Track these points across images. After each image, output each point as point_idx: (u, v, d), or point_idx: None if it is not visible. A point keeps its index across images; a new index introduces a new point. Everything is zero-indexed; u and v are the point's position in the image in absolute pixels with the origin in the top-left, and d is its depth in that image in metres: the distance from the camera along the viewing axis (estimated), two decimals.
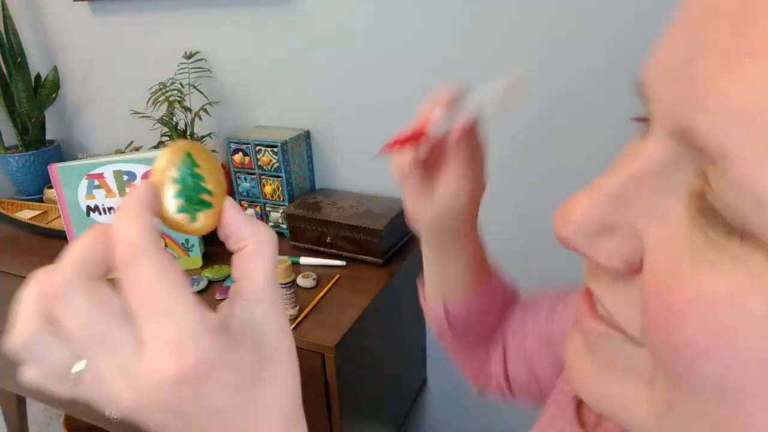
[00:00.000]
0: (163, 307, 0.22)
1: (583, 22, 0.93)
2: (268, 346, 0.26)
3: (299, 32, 1.18)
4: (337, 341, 0.85)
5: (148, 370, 0.22)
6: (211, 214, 0.26)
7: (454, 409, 1.42)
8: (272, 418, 0.27)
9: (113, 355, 0.23)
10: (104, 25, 1.42)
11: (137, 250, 0.23)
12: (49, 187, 1.41)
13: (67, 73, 1.53)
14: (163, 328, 0.22)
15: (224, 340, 0.24)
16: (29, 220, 1.28)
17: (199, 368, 0.22)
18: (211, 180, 0.26)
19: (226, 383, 0.24)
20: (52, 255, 1.18)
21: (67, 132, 1.64)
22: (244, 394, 0.25)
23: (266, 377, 0.26)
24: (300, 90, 1.23)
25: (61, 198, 1.00)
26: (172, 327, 0.22)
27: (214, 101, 1.30)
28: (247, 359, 0.25)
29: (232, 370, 0.24)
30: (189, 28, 1.30)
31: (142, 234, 0.23)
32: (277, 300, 0.27)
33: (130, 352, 0.23)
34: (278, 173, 1.18)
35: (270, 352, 0.26)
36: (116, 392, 0.23)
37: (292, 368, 0.28)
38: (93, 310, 0.23)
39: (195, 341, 0.22)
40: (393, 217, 1.07)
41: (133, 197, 0.24)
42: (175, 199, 0.25)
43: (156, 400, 0.23)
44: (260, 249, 0.27)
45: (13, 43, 1.40)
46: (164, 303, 0.22)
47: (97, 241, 0.24)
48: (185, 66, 1.26)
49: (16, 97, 1.42)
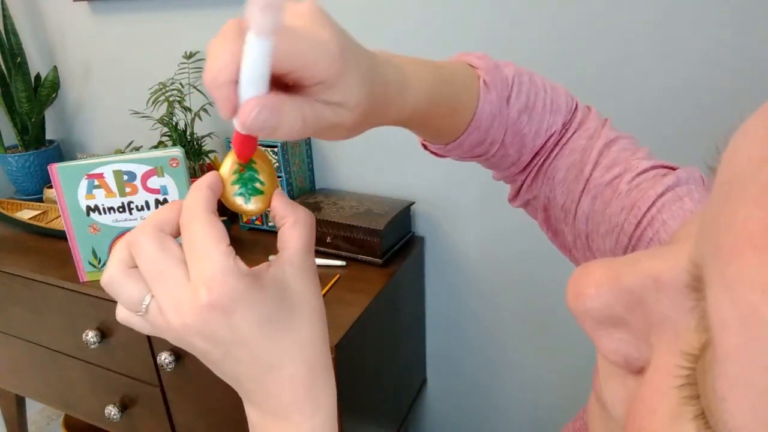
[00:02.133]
0: (204, 253, 0.29)
1: (586, 20, 0.93)
2: (295, 301, 0.32)
3: None
4: (337, 341, 0.85)
5: (188, 299, 0.29)
6: (261, 199, 0.33)
7: (454, 409, 1.42)
8: (297, 363, 0.31)
9: (168, 288, 0.29)
10: (104, 24, 1.42)
11: (192, 214, 0.30)
12: (48, 187, 1.41)
13: (66, 73, 1.53)
14: (201, 268, 0.29)
15: (250, 282, 0.29)
16: (29, 220, 1.28)
17: (224, 298, 0.28)
18: (263, 174, 0.33)
19: (252, 316, 0.29)
20: (52, 255, 1.18)
21: (66, 132, 1.64)
22: (269, 332, 0.30)
23: (292, 326, 0.31)
24: None
25: (61, 198, 1.00)
26: (208, 267, 0.28)
27: None
28: (270, 304, 0.30)
29: (256, 306, 0.29)
30: (189, 28, 1.30)
31: (200, 203, 0.30)
32: (308, 266, 0.33)
33: (179, 285, 0.29)
34: (278, 173, 1.18)
35: (296, 306, 0.32)
36: (169, 318, 0.29)
37: (319, 325, 0.33)
38: (156, 254, 0.30)
39: (223, 278, 0.28)
40: (393, 217, 1.07)
41: (201, 180, 0.31)
42: (234, 185, 0.33)
43: (197, 325, 0.29)
44: (296, 224, 0.32)
45: (12, 43, 1.40)
46: (205, 250, 0.29)
47: (170, 207, 0.31)
48: (185, 66, 1.26)
49: (15, 97, 1.41)
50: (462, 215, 1.18)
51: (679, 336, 0.16)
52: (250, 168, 0.33)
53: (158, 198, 1.02)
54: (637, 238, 0.39)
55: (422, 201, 1.19)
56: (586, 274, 0.19)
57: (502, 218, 1.13)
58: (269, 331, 0.30)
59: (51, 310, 1.14)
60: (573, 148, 0.45)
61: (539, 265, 1.14)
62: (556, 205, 0.46)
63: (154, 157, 1.00)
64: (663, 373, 0.16)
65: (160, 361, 1.03)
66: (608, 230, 0.41)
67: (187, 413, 1.11)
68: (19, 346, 1.26)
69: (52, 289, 1.09)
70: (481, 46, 1.02)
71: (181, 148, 1.05)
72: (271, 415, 0.32)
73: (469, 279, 1.22)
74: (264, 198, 0.33)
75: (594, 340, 0.19)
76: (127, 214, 1.02)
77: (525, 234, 1.11)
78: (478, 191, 1.14)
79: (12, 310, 1.22)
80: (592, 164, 0.43)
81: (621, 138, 0.44)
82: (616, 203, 0.40)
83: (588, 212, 0.43)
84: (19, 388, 1.40)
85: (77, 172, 0.99)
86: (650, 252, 0.18)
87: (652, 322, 0.17)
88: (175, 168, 1.00)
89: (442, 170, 1.15)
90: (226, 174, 0.33)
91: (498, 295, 1.22)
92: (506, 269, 1.18)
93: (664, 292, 0.17)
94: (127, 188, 1.01)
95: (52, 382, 1.28)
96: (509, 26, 0.99)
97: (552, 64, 0.97)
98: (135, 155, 1.01)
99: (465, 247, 1.20)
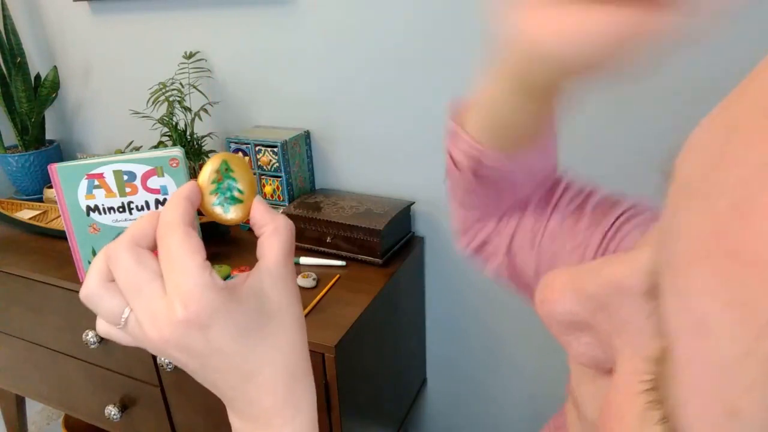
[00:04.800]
0: (179, 266, 0.29)
1: None
2: (272, 310, 0.32)
3: (299, 32, 1.18)
4: (337, 341, 0.85)
5: (164, 313, 0.29)
6: (241, 208, 0.33)
7: (454, 409, 1.42)
8: (276, 367, 0.32)
9: (144, 302, 0.29)
10: (104, 24, 1.42)
11: (168, 227, 0.30)
12: (48, 186, 1.41)
13: (66, 73, 1.53)
14: (177, 281, 0.29)
15: (226, 296, 0.29)
16: (29, 220, 1.28)
17: (200, 314, 0.28)
18: (242, 182, 0.33)
19: (228, 329, 0.29)
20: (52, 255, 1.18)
21: (66, 132, 1.64)
22: (246, 341, 0.30)
23: (269, 335, 0.31)
24: (300, 90, 1.23)
25: (61, 198, 1.00)
26: (184, 281, 0.28)
27: (214, 101, 1.30)
28: (247, 314, 0.30)
29: (233, 319, 0.29)
30: (189, 28, 1.30)
31: (176, 216, 0.30)
32: (286, 275, 0.32)
33: (156, 299, 0.29)
34: (278, 173, 1.18)
35: (274, 315, 0.32)
36: (147, 332, 0.29)
37: (297, 332, 0.33)
38: (133, 267, 0.30)
39: (200, 292, 0.28)
40: (393, 217, 1.07)
41: (179, 191, 0.31)
42: (212, 195, 0.33)
43: (173, 339, 0.29)
44: (275, 232, 0.32)
45: (13, 43, 1.40)
46: (180, 263, 0.29)
47: (148, 220, 0.31)
48: (185, 66, 1.26)
49: (15, 97, 1.41)
50: None
51: (641, 341, 0.16)
52: (229, 176, 0.33)
53: (158, 198, 1.02)
54: (602, 252, 0.42)
55: (422, 201, 1.19)
56: (551, 282, 0.20)
57: None
58: (246, 341, 0.30)
59: (51, 310, 1.14)
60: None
61: None
62: (525, 229, 0.48)
63: (154, 157, 1.00)
64: (628, 377, 0.17)
65: (160, 361, 1.03)
66: (575, 246, 0.44)
67: (187, 413, 1.11)
68: (19, 346, 1.26)
69: (52, 289, 1.09)
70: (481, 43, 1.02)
71: (181, 148, 1.05)
72: (252, 422, 0.33)
73: (469, 279, 1.22)
74: (243, 207, 0.33)
75: (563, 345, 0.20)
76: (127, 214, 1.02)
77: None
78: None
79: (12, 310, 1.22)
80: (563, 188, 0.47)
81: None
82: (583, 221, 0.44)
83: (556, 231, 0.46)
84: (19, 388, 1.40)
85: (77, 172, 0.99)
86: (613, 258, 0.18)
87: (616, 327, 0.18)
88: (175, 168, 1.00)
89: (442, 170, 1.14)
90: (205, 183, 0.33)
91: (498, 295, 1.21)
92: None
93: (626, 298, 0.17)
94: (127, 188, 1.01)
95: (52, 382, 1.28)
96: None
97: None
98: (135, 155, 1.01)
99: None
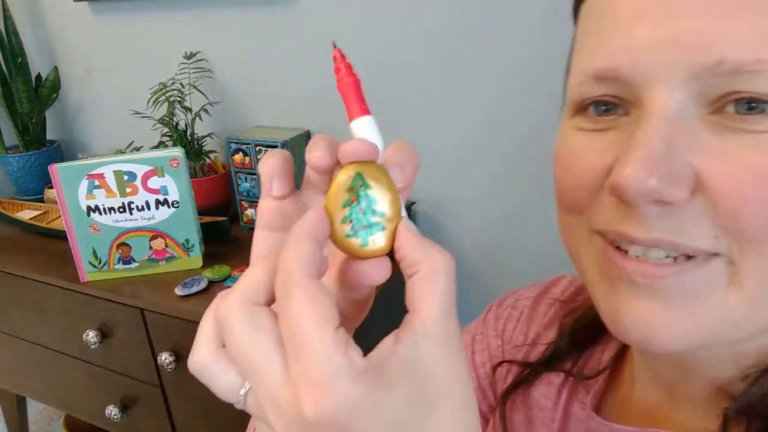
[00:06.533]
0: (306, 344, 0.22)
1: None
2: (433, 392, 0.24)
3: (299, 32, 1.18)
4: None
5: (290, 406, 0.22)
6: (383, 236, 0.25)
7: None
8: None
9: (264, 384, 0.23)
10: (105, 25, 1.42)
11: (292, 281, 0.23)
12: (49, 187, 1.41)
13: (67, 73, 1.53)
14: (304, 365, 0.22)
15: (370, 382, 0.22)
16: (30, 220, 1.29)
17: (337, 413, 0.21)
18: (383, 201, 0.25)
19: (374, 429, 0.22)
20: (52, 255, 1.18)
21: (67, 132, 1.64)
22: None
23: (429, 424, 0.23)
24: (300, 90, 1.23)
25: (62, 198, 1.00)
26: (313, 366, 0.22)
27: (215, 101, 1.30)
28: (401, 406, 0.23)
29: (380, 416, 0.22)
30: (189, 28, 1.30)
31: (300, 264, 0.23)
32: (451, 337, 0.24)
33: (277, 384, 0.23)
34: None
35: (436, 400, 0.23)
36: (270, 419, 0.23)
37: (466, 416, 0.24)
38: (247, 339, 0.23)
39: (333, 384, 0.21)
40: None
41: (302, 223, 0.24)
42: (345, 223, 0.25)
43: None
44: (431, 276, 0.24)
45: (13, 43, 1.41)
46: (308, 339, 0.22)
47: (264, 268, 0.24)
48: (185, 66, 1.26)
49: (16, 98, 1.42)
50: (462, 215, 1.18)
51: (701, 135, 0.26)
52: (366, 194, 0.25)
53: (158, 198, 1.02)
54: None
55: (422, 201, 1.19)
56: (632, 166, 0.26)
57: (503, 218, 1.13)
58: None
59: (51, 310, 1.14)
60: None
61: (540, 266, 1.13)
62: None
63: (155, 157, 1.00)
64: None
65: (161, 361, 1.03)
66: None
67: (187, 413, 1.12)
68: (20, 346, 1.26)
69: (53, 289, 1.09)
70: (481, 45, 1.02)
71: (182, 148, 1.05)
72: None
73: (469, 279, 1.22)
74: (387, 235, 0.25)
75: (669, 195, 0.25)
76: (128, 214, 1.02)
77: (525, 234, 1.11)
78: (478, 191, 1.14)
79: (12, 310, 1.22)
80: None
81: None
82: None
83: None
84: (19, 388, 1.40)
85: (78, 173, 0.99)
86: (630, 135, 0.27)
87: (684, 149, 0.26)
88: (176, 168, 1.00)
89: (441, 170, 1.15)
90: (335, 207, 0.25)
91: (498, 295, 1.21)
92: (506, 269, 1.18)
93: (674, 125, 0.26)
94: (127, 188, 1.01)
95: (53, 382, 1.28)
96: (511, 23, 0.99)
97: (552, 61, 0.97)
98: (135, 155, 1.01)
99: (465, 246, 1.20)
